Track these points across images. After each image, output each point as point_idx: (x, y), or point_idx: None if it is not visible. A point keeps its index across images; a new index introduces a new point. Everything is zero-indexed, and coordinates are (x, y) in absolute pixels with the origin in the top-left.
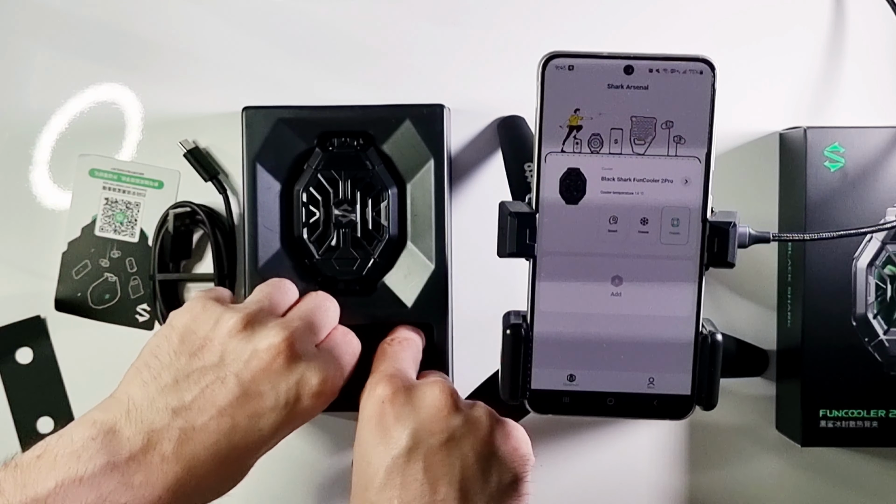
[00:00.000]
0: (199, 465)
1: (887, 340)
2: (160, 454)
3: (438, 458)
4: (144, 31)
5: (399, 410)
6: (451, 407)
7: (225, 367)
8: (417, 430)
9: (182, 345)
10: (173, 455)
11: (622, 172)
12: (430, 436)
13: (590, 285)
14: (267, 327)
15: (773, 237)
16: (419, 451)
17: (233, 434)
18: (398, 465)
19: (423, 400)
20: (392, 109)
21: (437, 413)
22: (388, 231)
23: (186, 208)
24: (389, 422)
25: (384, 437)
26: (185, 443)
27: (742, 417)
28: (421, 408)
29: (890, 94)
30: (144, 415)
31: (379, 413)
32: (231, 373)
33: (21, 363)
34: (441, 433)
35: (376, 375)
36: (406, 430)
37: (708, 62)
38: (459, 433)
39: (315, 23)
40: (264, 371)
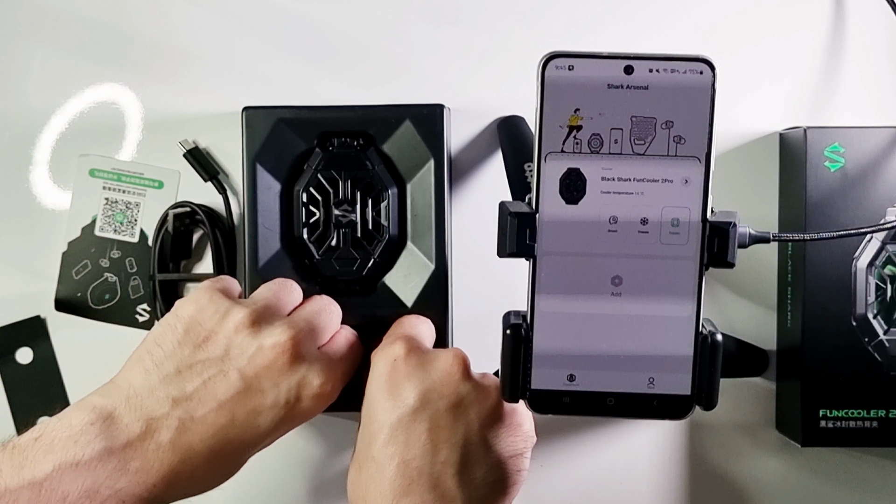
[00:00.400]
0: (194, 455)
1: (887, 340)
2: (157, 442)
3: (444, 420)
4: (144, 31)
5: (411, 370)
6: (462, 373)
7: (229, 361)
8: (427, 391)
9: (187, 335)
10: (170, 444)
11: (622, 172)
12: (438, 398)
13: (590, 285)
14: (273, 325)
15: (773, 237)
16: (426, 412)
17: (230, 428)
18: (403, 422)
19: (435, 363)
20: (392, 109)
21: (447, 377)
22: (388, 231)
23: (186, 208)
24: (400, 379)
25: (393, 395)
26: (183, 433)
27: (742, 417)
28: (433, 370)
29: (890, 94)
30: (144, 402)
31: (390, 371)
32: (234, 367)
33: (21, 363)
34: (450, 396)
35: (391, 336)
36: (415, 390)
37: (708, 62)
38: (468, 400)
39: (316, 23)
40: (267, 368)
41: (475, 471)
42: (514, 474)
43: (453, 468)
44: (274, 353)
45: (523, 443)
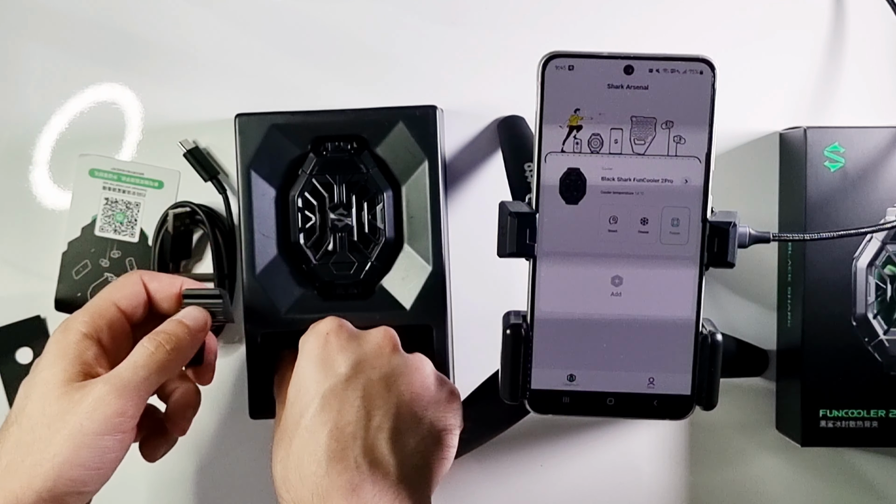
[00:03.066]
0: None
1: (887, 340)
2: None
3: (376, 389)
4: (144, 31)
5: (343, 343)
6: (392, 347)
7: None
8: (359, 362)
9: None
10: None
11: (622, 172)
12: (370, 368)
13: (590, 285)
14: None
15: (773, 237)
16: (359, 380)
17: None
18: (337, 390)
19: (366, 337)
20: (384, 112)
21: (378, 350)
22: (384, 234)
23: (186, 208)
24: (332, 352)
25: (325, 366)
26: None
27: (742, 417)
28: (364, 343)
29: (890, 94)
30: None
31: (322, 345)
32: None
33: (21, 363)
34: (381, 367)
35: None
36: (348, 360)
37: (708, 62)
38: (398, 371)
39: (316, 24)
40: None
41: (407, 439)
42: (444, 448)
43: (386, 433)
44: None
45: (453, 419)
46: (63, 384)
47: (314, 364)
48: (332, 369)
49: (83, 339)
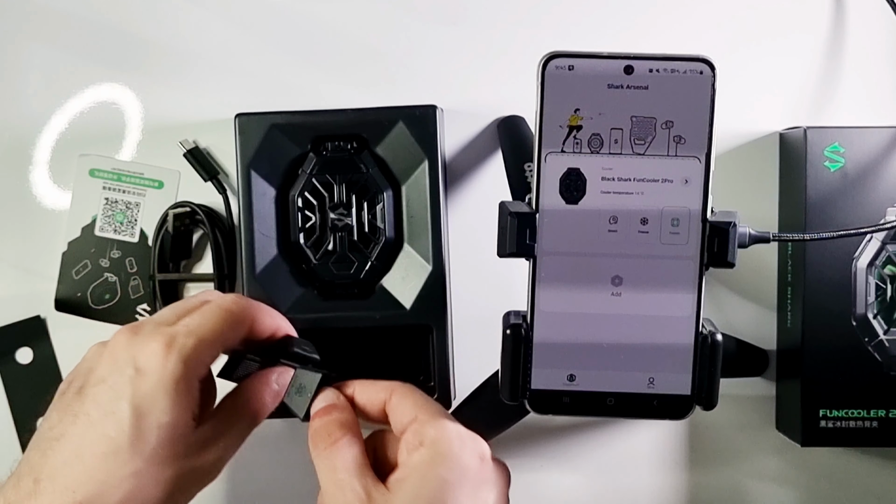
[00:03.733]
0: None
1: (887, 340)
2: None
3: None
4: (145, 31)
5: (489, 473)
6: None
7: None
8: (497, 498)
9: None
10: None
11: (622, 172)
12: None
13: (590, 285)
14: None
15: (773, 237)
16: None
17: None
18: None
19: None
20: (384, 112)
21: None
22: (384, 233)
23: (186, 208)
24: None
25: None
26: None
27: (742, 417)
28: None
29: (890, 94)
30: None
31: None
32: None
33: (21, 363)
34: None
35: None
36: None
37: (708, 62)
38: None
39: (316, 24)
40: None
41: None
42: None
43: None
44: (108, 348)
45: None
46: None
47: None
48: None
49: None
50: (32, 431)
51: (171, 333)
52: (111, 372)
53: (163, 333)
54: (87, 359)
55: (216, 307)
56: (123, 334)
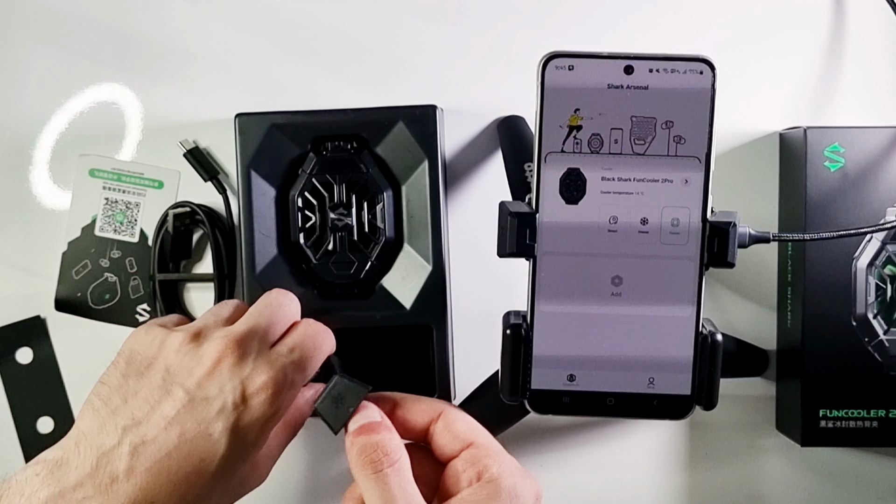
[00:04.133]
0: (153, 480)
1: (887, 340)
2: (111, 474)
3: None
4: (145, 31)
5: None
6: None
7: (172, 380)
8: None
9: (129, 367)
10: (125, 473)
11: (622, 172)
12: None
13: (590, 285)
14: (211, 338)
15: (773, 237)
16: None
17: (183, 443)
18: None
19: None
20: (384, 111)
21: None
22: (384, 233)
23: (186, 208)
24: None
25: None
26: (137, 457)
27: (742, 417)
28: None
29: (890, 94)
30: (94, 440)
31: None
32: (178, 384)
33: (21, 363)
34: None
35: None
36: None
37: (708, 62)
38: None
39: (316, 24)
40: (209, 376)
41: None
42: None
43: None
44: (212, 361)
45: None
46: None
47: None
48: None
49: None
50: (33, 431)
51: (280, 367)
52: (216, 393)
53: (273, 366)
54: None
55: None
56: (231, 352)
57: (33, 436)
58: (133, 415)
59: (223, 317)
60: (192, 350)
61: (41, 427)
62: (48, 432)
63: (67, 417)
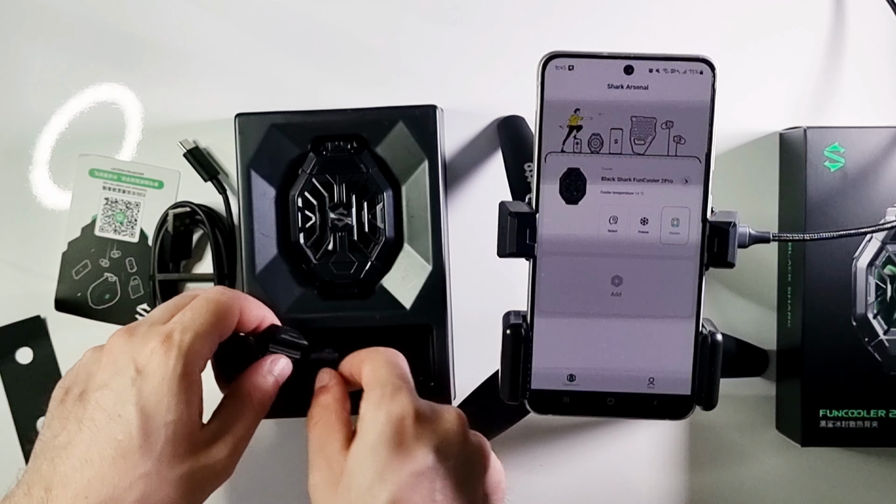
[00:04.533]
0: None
1: (887, 340)
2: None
3: (453, 480)
4: (144, 31)
5: (420, 429)
6: (466, 433)
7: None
8: (437, 451)
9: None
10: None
11: (622, 172)
12: (447, 458)
13: (590, 285)
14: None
15: (773, 237)
16: (439, 471)
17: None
18: (415, 482)
19: (441, 421)
20: (384, 111)
21: (455, 437)
22: (384, 233)
23: (186, 208)
24: (409, 439)
25: (400, 454)
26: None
27: (742, 417)
28: (439, 428)
29: (890, 94)
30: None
31: (397, 430)
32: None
33: (21, 363)
34: (458, 457)
35: (387, 388)
36: (428, 449)
37: (708, 62)
38: (471, 459)
39: (316, 24)
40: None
41: None
42: None
43: None
44: (105, 354)
45: (502, 500)
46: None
47: (386, 448)
48: (409, 457)
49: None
50: (33, 432)
51: (166, 331)
52: (112, 375)
53: (159, 332)
54: (84, 364)
55: (205, 300)
56: (120, 337)
57: (33, 436)
58: (54, 433)
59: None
60: (93, 356)
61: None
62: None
63: None
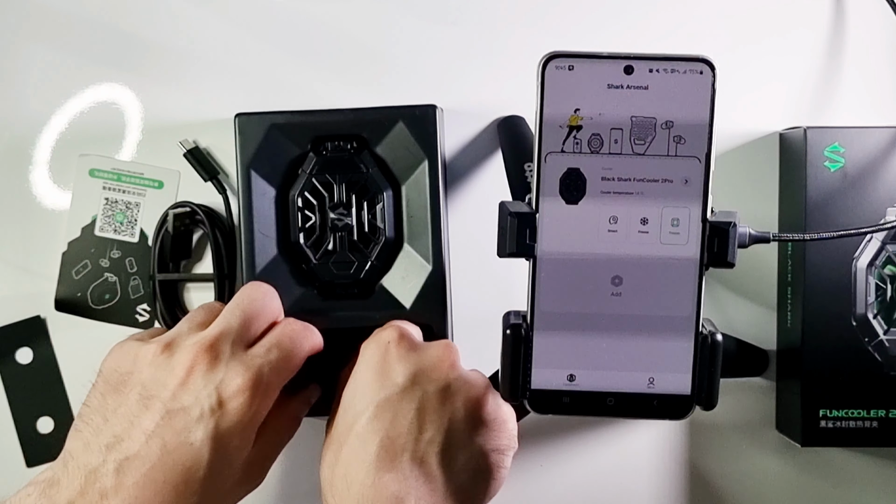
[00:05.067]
0: (140, 494)
1: (887, 340)
2: (100, 491)
3: (432, 403)
4: (144, 31)
5: (403, 353)
6: (453, 362)
7: (148, 394)
8: (417, 374)
9: (107, 385)
10: (113, 488)
11: (622, 172)
12: (427, 381)
13: (590, 285)
14: (182, 346)
15: (773, 237)
16: (415, 392)
17: (165, 455)
18: (391, 401)
19: (427, 349)
20: (384, 111)
21: (438, 363)
22: (384, 233)
23: (186, 208)
24: (391, 361)
25: (382, 376)
26: (123, 473)
27: (742, 417)
28: (424, 355)
29: (890, 94)
30: (81, 459)
31: (382, 354)
32: (154, 396)
33: (21, 363)
34: (439, 381)
35: (384, 328)
36: (406, 371)
37: (708, 62)
38: (455, 387)
39: (316, 24)
40: (182, 386)
41: (458, 456)
42: (494, 469)
43: (437, 447)
44: (184, 369)
45: (507, 440)
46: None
47: (372, 372)
48: (389, 378)
49: None
50: (33, 431)
51: (256, 370)
52: (193, 399)
53: (247, 368)
54: (148, 361)
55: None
56: (202, 355)
57: (33, 436)
58: (114, 432)
59: (197, 322)
60: (164, 361)
61: (41, 427)
62: (48, 432)
63: (67, 417)
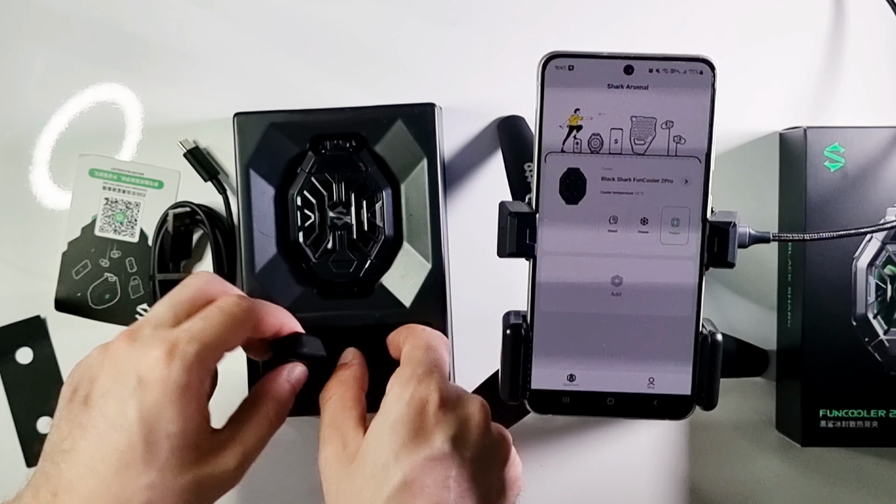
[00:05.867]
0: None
1: (887, 340)
2: (51, 490)
3: (469, 470)
4: (144, 31)
5: (441, 416)
6: (487, 425)
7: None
8: (456, 439)
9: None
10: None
11: (622, 172)
12: (465, 447)
13: (590, 285)
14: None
15: (773, 237)
16: (455, 459)
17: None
18: (429, 467)
19: (464, 410)
20: (383, 110)
21: (476, 428)
22: (383, 232)
23: (186, 208)
24: (429, 423)
25: (418, 437)
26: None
27: (742, 417)
28: (462, 418)
29: (890, 94)
30: (39, 469)
31: (419, 412)
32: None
33: (21, 363)
34: (477, 447)
35: (418, 369)
36: (446, 436)
37: (708, 62)
38: (489, 452)
39: (316, 23)
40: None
41: None
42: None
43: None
44: (107, 359)
45: (516, 495)
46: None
47: (405, 431)
48: (426, 442)
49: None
50: (33, 431)
51: (172, 340)
52: (114, 383)
53: (163, 340)
54: (90, 364)
55: (218, 312)
56: (123, 341)
57: (33, 436)
58: (62, 436)
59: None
60: (98, 359)
61: (41, 427)
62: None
63: None
